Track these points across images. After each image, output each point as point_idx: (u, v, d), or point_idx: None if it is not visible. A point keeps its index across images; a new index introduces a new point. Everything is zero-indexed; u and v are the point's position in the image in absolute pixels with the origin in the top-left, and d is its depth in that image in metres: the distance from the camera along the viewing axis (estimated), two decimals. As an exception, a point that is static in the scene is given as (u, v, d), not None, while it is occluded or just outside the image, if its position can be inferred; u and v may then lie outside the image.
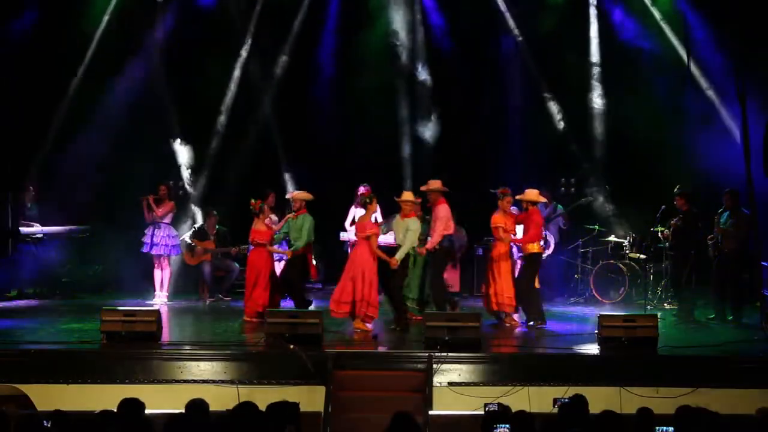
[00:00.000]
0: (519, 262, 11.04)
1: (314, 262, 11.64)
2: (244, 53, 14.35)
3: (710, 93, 13.48)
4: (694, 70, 13.50)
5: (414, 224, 10.22)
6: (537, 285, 10.65)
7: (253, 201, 10.90)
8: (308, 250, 10.93)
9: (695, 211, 11.35)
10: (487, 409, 6.74)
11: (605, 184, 13.44)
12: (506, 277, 10.40)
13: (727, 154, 12.81)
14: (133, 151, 13.60)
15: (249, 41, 14.35)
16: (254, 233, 10.83)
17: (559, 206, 13.19)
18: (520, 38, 14.19)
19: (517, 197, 10.61)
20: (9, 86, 13.00)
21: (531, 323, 10.35)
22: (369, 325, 9.98)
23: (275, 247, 10.98)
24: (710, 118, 13.44)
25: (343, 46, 14.32)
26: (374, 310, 9.94)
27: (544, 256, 12.39)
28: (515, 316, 10.59)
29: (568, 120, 14.11)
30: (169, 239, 12.30)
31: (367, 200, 10.36)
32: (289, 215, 10.89)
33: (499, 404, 6.70)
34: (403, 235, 10.17)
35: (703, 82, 13.54)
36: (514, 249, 11.10)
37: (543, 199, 10.86)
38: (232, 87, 14.33)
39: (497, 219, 10.46)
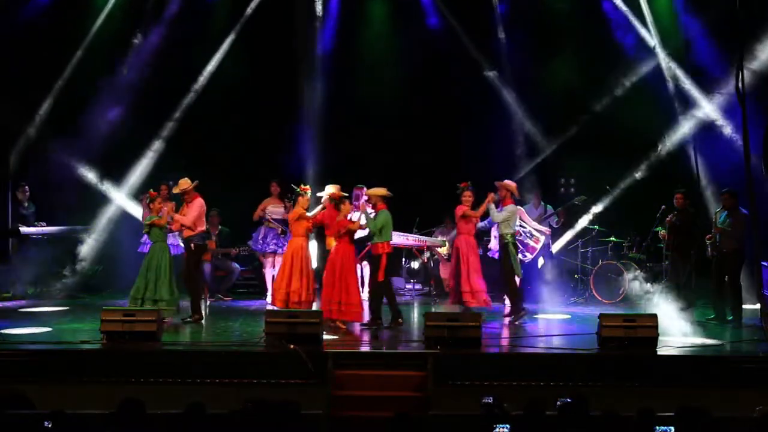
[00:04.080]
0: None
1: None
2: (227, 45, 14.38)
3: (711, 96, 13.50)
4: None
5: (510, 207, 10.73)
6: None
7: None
8: (386, 250, 10.51)
9: (692, 211, 11.37)
10: (483, 401, 6.73)
11: (606, 185, 13.44)
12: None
13: (725, 154, 12.90)
14: (129, 149, 13.62)
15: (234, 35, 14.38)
16: (340, 223, 10.41)
17: (549, 206, 13.20)
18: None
19: (318, 194, 10.84)
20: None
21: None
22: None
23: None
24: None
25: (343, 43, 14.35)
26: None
27: (529, 259, 12.43)
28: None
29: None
30: (174, 238, 12.30)
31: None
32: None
33: (494, 397, 6.70)
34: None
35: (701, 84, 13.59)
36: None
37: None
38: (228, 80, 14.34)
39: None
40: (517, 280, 11.53)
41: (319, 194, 10.86)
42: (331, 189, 10.70)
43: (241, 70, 14.23)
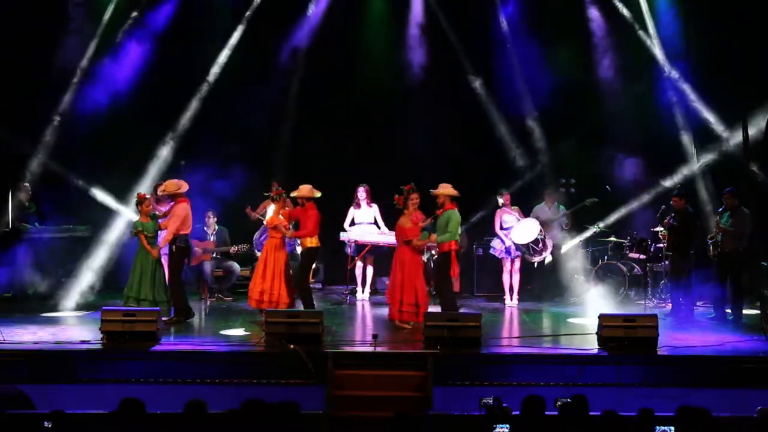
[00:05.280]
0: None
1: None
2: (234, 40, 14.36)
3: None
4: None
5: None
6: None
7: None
8: (454, 248, 10.58)
9: (691, 211, 11.37)
10: (483, 401, 6.74)
11: (606, 185, 13.41)
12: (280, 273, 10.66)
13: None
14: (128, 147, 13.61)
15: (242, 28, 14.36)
16: (400, 230, 10.46)
17: (561, 207, 13.18)
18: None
19: (292, 194, 10.83)
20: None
21: None
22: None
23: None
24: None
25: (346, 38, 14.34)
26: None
27: (544, 260, 12.47)
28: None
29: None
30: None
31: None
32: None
33: (494, 398, 6.70)
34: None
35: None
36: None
37: (317, 194, 10.80)
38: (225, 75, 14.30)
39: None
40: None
41: (293, 194, 10.86)
42: (303, 190, 10.73)
43: (241, 66, 14.23)
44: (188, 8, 13.95)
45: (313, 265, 11.71)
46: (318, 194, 10.81)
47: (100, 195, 13.52)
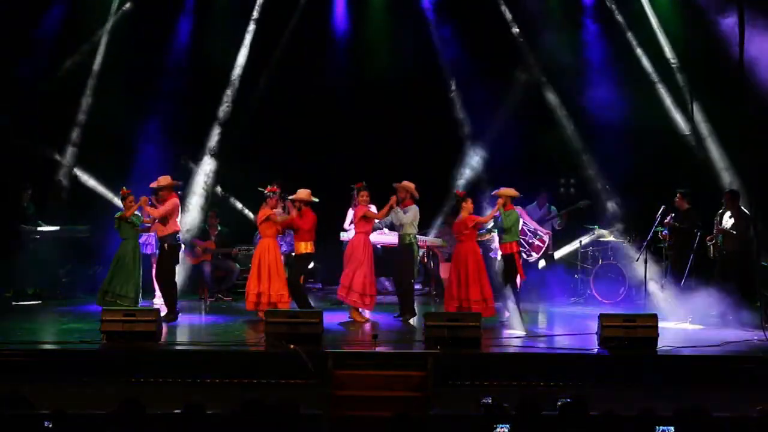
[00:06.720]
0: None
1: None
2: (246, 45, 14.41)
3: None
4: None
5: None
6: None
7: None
8: (514, 249, 10.75)
9: (692, 212, 11.37)
10: (482, 402, 6.74)
11: (605, 185, 13.42)
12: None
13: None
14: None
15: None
16: (463, 221, 10.67)
17: (552, 208, 13.18)
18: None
19: (290, 197, 10.93)
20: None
21: None
22: None
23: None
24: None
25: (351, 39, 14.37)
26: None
27: (534, 259, 12.43)
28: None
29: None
30: (149, 237, 12.19)
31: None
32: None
33: (493, 398, 6.71)
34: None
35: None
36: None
37: (315, 199, 10.90)
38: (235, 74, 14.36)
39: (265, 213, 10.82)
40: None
41: (291, 197, 10.87)
42: (301, 194, 10.75)
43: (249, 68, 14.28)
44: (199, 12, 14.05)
45: (310, 266, 11.77)
46: (315, 200, 10.85)
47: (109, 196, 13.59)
